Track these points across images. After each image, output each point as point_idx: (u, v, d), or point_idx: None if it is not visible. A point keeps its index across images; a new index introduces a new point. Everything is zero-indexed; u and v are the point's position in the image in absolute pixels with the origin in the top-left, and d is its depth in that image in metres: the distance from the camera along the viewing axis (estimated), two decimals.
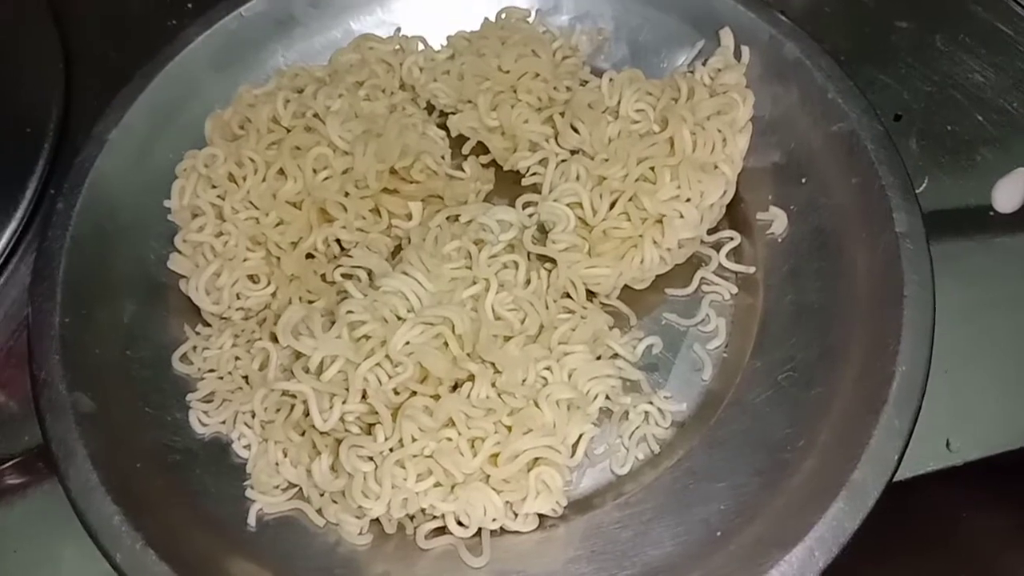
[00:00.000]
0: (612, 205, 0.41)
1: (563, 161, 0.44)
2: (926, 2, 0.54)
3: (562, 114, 0.45)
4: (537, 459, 0.37)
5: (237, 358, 0.41)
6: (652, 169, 0.41)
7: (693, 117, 0.42)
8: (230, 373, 0.41)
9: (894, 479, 0.35)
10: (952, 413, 0.41)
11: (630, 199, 0.41)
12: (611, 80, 0.45)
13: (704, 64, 0.45)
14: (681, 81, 0.44)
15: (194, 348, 0.42)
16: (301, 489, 0.38)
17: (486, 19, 0.49)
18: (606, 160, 0.42)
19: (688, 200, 0.41)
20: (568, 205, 0.42)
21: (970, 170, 0.48)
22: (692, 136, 0.42)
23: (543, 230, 0.43)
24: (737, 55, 0.45)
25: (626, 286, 0.43)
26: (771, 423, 0.38)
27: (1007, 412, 0.41)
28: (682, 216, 0.41)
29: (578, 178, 0.42)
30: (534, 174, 0.45)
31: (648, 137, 0.43)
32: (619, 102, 0.44)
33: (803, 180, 0.43)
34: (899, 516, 0.39)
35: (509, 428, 0.37)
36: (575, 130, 0.44)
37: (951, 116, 0.50)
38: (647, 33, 0.48)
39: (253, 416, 0.39)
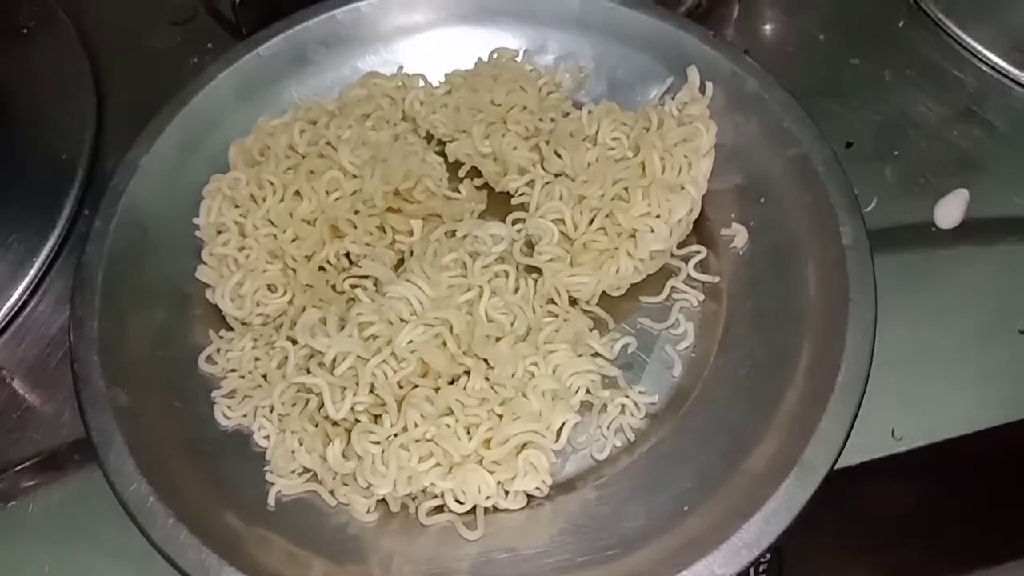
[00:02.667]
0: (591, 221, 0.46)
1: (547, 183, 0.48)
2: (877, 42, 0.58)
3: (547, 142, 0.49)
4: (525, 443, 0.41)
5: (257, 359, 0.45)
6: (626, 189, 0.45)
7: (662, 144, 0.46)
8: (250, 372, 0.45)
9: (845, 466, 0.40)
10: (897, 405, 0.45)
11: (607, 215, 0.45)
12: (590, 112, 0.49)
13: (673, 98, 0.50)
14: (652, 113, 0.48)
15: (218, 350, 0.46)
16: (315, 473, 0.42)
17: (479, 59, 0.54)
18: (585, 182, 0.46)
19: (658, 216, 0.45)
20: (552, 221, 0.46)
21: (914, 191, 0.52)
22: (661, 160, 0.46)
23: (530, 244, 0.47)
24: (702, 90, 0.50)
25: (604, 293, 0.47)
26: (733, 413, 0.42)
27: (947, 403, 0.45)
28: (653, 230, 0.45)
29: (561, 197, 0.46)
30: (522, 194, 0.49)
31: (623, 161, 0.47)
32: (597, 131, 0.48)
33: (762, 200, 0.48)
34: (848, 500, 0.43)
35: (500, 416, 0.42)
36: (558, 156, 0.48)
37: (898, 143, 0.54)
38: (623, 71, 0.53)
39: (271, 410, 0.43)
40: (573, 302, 0.47)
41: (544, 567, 0.39)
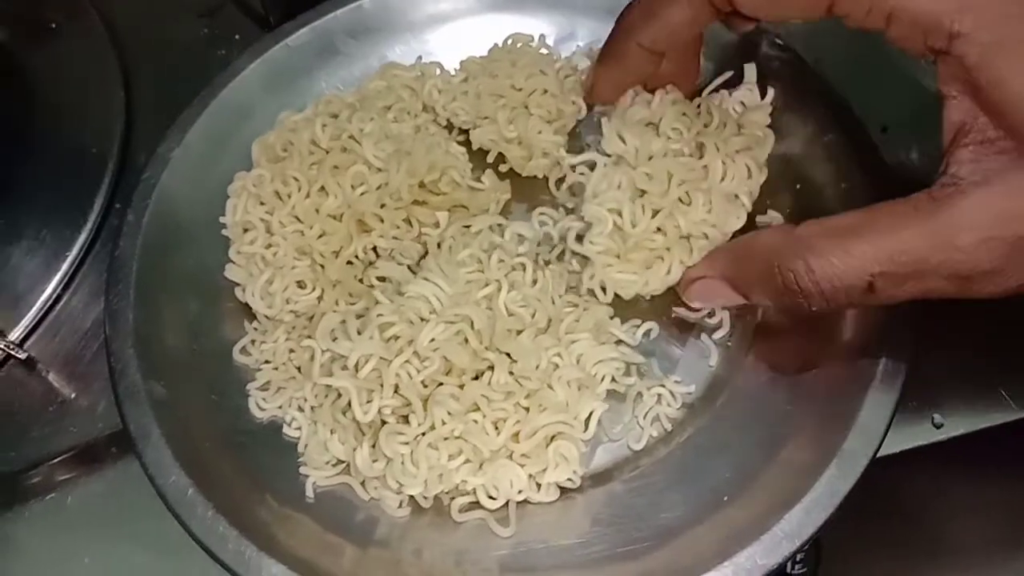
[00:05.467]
0: (652, 217, 0.43)
1: (605, 165, 0.45)
2: None
3: (607, 119, 0.46)
4: (554, 435, 0.41)
5: (291, 351, 0.45)
6: (687, 193, 0.43)
7: (725, 148, 0.44)
8: (284, 364, 0.45)
9: (884, 454, 0.39)
10: (937, 392, 0.44)
11: (667, 216, 0.43)
12: (660, 99, 0.46)
13: (730, 95, 0.47)
14: (715, 110, 0.46)
15: (252, 342, 0.46)
16: (348, 465, 0.42)
17: (495, 44, 0.53)
18: (648, 174, 0.43)
19: (714, 225, 0.43)
20: (608, 210, 0.43)
21: None
22: (723, 166, 0.44)
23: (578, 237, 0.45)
24: (763, 92, 0.47)
25: None
26: (771, 402, 0.42)
27: (989, 390, 0.44)
28: (707, 237, 0.43)
29: (620, 187, 0.44)
30: (582, 173, 0.48)
31: (686, 161, 0.44)
32: (661, 119, 0.45)
33: (798, 186, 0.47)
34: (887, 490, 0.42)
35: (527, 408, 0.41)
36: (621, 139, 0.45)
37: (935, 127, 0.53)
38: None
39: (305, 401, 0.43)
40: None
41: (581, 558, 0.39)
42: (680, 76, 0.46)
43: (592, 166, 0.46)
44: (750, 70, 0.48)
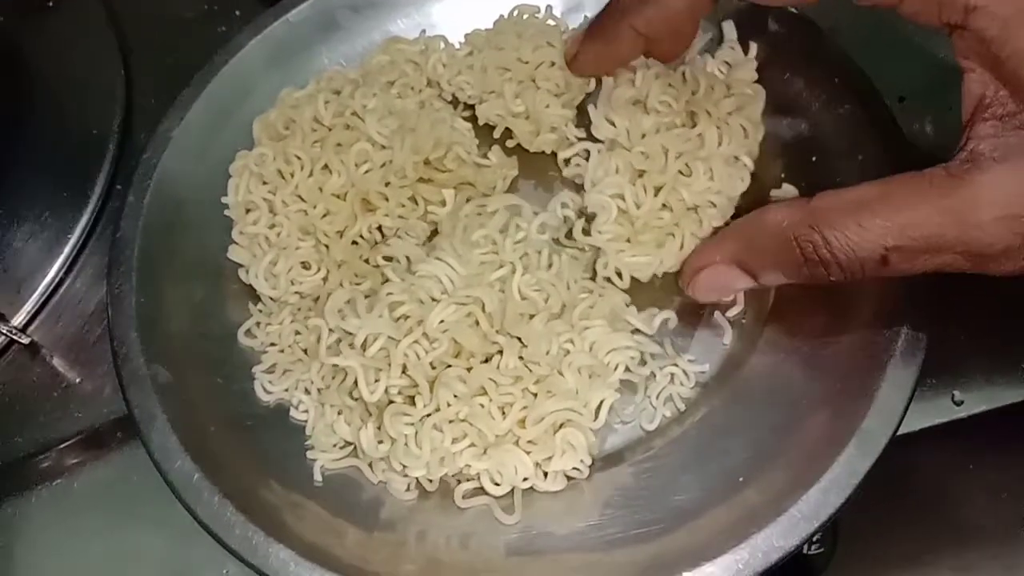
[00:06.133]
0: (655, 196, 0.43)
1: (600, 152, 0.45)
2: None
3: (595, 105, 0.46)
4: (563, 422, 0.40)
5: (297, 332, 0.44)
6: (687, 164, 0.42)
7: (717, 112, 0.43)
8: (290, 346, 0.44)
9: (903, 432, 0.38)
10: (957, 370, 0.43)
11: (670, 191, 0.42)
12: (642, 76, 0.45)
13: (713, 57, 0.47)
14: (700, 76, 0.45)
15: (257, 324, 0.45)
16: (355, 448, 0.41)
17: (501, 16, 0.51)
18: (643, 153, 0.43)
19: (719, 192, 0.42)
20: (610, 197, 0.43)
21: None
22: (719, 131, 0.43)
23: (587, 221, 0.45)
24: (744, 48, 0.46)
25: None
26: (786, 381, 0.41)
27: (1009, 367, 0.43)
28: (714, 205, 0.42)
29: (617, 171, 0.43)
30: (577, 165, 0.47)
31: (679, 132, 0.44)
32: (647, 95, 0.45)
33: (813, 159, 0.46)
34: (906, 470, 0.42)
35: (535, 394, 0.40)
36: (611, 122, 0.45)
37: (951, 98, 0.51)
38: None
39: (312, 383, 0.43)
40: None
41: (593, 541, 0.39)
42: (668, 57, 0.45)
43: (587, 156, 0.45)
44: (729, 28, 0.47)
